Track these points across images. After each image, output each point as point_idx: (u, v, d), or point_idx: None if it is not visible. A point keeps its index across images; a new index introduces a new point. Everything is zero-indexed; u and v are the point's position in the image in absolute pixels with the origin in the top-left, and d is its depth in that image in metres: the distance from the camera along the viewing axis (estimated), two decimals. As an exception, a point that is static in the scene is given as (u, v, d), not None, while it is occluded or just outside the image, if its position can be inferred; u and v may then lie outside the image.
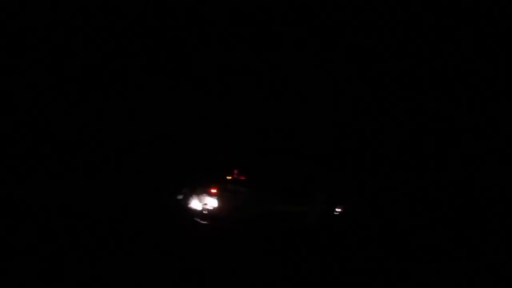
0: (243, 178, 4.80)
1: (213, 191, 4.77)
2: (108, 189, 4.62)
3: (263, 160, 4.97)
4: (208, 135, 4.98)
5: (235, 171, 4.79)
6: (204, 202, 4.74)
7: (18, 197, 4.42)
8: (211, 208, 4.72)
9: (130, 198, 4.62)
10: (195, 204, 4.74)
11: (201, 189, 4.76)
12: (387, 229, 4.66)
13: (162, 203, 4.69)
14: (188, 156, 4.93)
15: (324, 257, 4.28)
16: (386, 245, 4.48)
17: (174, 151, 4.92)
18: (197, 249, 4.22)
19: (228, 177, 4.84)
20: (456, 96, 5.10)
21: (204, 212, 4.70)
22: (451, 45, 5.11)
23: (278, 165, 4.95)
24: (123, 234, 4.26)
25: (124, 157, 4.75)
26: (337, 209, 4.82)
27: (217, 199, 4.74)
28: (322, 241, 4.51)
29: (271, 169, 4.93)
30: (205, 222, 4.67)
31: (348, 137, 5.20)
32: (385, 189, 4.89)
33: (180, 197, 4.75)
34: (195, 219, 4.69)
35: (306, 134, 5.05)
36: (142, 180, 4.71)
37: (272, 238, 4.47)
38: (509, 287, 3.89)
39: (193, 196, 4.75)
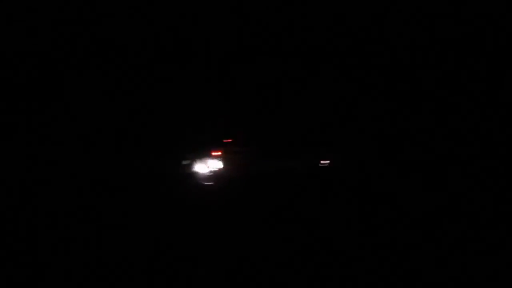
0: (241, 141, 5.07)
1: (216, 153, 5.01)
2: (116, 159, 4.81)
3: (260, 124, 5.23)
4: (208, 101, 5.21)
5: (230, 140, 5.07)
6: (208, 165, 4.96)
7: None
8: (215, 169, 4.94)
9: (138, 167, 4.80)
10: (200, 167, 4.95)
11: (205, 153, 4.99)
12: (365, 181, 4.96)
13: (169, 169, 4.88)
14: (189, 122, 5.15)
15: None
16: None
17: (175, 118, 5.13)
18: (202, 208, 4.48)
19: (227, 141, 5.09)
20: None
21: (209, 174, 4.91)
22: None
23: (273, 127, 5.21)
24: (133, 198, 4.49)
25: (126, 127, 4.95)
26: (322, 162, 5.11)
27: (220, 160, 4.97)
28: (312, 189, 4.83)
29: (267, 131, 5.18)
30: (210, 183, 4.87)
31: (337, 101, 5.45)
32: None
33: (185, 162, 4.95)
34: (201, 181, 4.90)
35: (296, 99, 5.33)
36: (147, 148, 4.91)
37: (270, 191, 4.75)
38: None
39: (198, 160, 4.96)
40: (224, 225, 4.35)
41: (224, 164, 4.98)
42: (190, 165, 4.98)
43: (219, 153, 5.01)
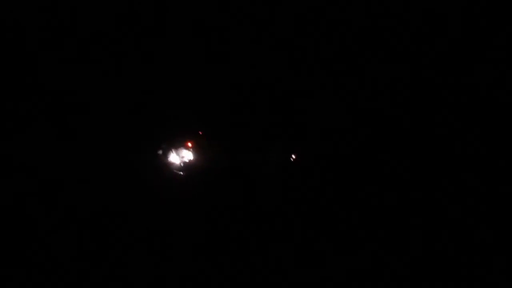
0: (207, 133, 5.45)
1: (189, 144, 5.41)
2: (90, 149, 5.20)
3: (231, 116, 5.52)
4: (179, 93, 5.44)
5: (201, 132, 5.41)
6: (182, 155, 5.40)
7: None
8: (187, 160, 5.39)
9: (111, 157, 5.22)
10: (173, 157, 5.40)
11: (178, 144, 5.39)
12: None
13: (143, 158, 5.32)
14: (161, 113, 5.44)
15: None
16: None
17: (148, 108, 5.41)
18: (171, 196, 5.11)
19: (200, 132, 5.46)
20: None
21: (181, 164, 5.37)
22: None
23: (244, 120, 5.51)
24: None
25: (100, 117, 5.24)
26: (292, 156, 5.51)
27: (192, 151, 5.40)
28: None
29: (238, 123, 5.50)
30: (181, 173, 5.36)
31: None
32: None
33: (159, 152, 5.38)
34: (174, 171, 5.38)
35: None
36: (121, 137, 5.27)
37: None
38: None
39: (171, 150, 5.39)
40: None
41: (196, 155, 5.41)
42: (164, 155, 5.41)
43: (191, 144, 5.42)
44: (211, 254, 4.98)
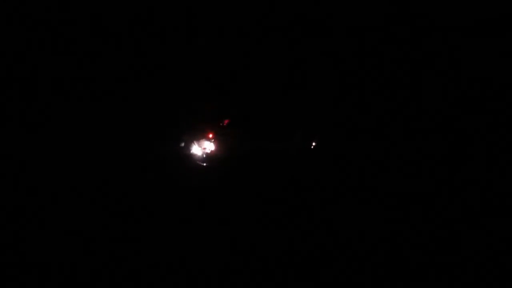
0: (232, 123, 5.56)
1: (210, 135, 5.52)
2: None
3: (250, 106, 5.66)
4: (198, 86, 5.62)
5: (226, 121, 5.53)
6: (203, 147, 5.49)
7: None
8: (209, 151, 5.47)
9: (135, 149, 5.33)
10: (195, 149, 5.49)
11: (199, 135, 5.51)
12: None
13: (166, 151, 5.42)
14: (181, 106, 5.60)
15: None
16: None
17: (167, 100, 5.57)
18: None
19: (221, 123, 5.58)
20: None
21: (203, 155, 5.46)
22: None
23: (263, 109, 5.64)
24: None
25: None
26: (313, 143, 5.59)
27: (214, 142, 5.49)
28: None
29: (258, 113, 5.63)
30: (204, 164, 5.43)
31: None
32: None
33: (182, 144, 5.48)
34: (197, 162, 5.45)
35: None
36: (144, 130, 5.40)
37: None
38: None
39: (193, 142, 5.49)
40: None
41: (216, 145, 5.50)
42: (186, 147, 5.51)
43: (212, 135, 5.52)
44: (233, 240, 4.91)
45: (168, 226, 4.95)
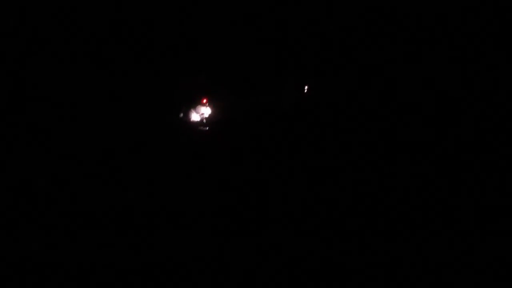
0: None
1: (204, 101, 5.90)
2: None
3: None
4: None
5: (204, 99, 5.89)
6: (201, 113, 5.89)
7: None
8: (207, 115, 5.88)
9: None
10: (194, 116, 5.89)
11: (194, 103, 5.89)
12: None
13: (167, 120, 5.81)
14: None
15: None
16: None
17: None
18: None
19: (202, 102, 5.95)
20: None
21: (203, 120, 5.87)
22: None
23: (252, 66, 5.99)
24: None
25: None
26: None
27: (209, 106, 5.89)
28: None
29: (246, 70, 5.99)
30: (206, 128, 5.86)
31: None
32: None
33: (181, 115, 5.87)
34: (199, 127, 5.88)
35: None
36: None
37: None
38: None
39: (190, 110, 5.88)
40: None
41: (212, 109, 5.91)
42: (185, 116, 5.91)
43: (205, 100, 5.91)
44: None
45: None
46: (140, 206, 5.16)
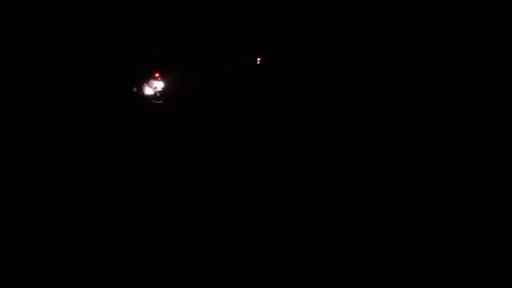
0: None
1: (156, 75, 6.03)
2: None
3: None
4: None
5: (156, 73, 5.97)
6: (154, 86, 6.05)
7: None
8: (160, 88, 6.06)
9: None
10: (148, 90, 6.05)
11: (148, 77, 6.01)
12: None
13: (120, 96, 5.97)
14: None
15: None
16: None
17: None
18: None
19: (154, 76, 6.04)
20: None
21: (157, 94, 6.05)
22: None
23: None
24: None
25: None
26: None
27: (162, 80, 6.04)
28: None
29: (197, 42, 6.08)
30: (160, 102, 6.07)
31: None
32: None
33: (134, 89, 6.01)
34: (153, 101, 6.07)
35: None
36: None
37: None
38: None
39: (143, 84, 6.02)
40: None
41: (165, 82, 6.08)
42: (139, 90, 6.06)
43: (157, 74, 6.04)
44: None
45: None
46: (103, 184, 5.53)
